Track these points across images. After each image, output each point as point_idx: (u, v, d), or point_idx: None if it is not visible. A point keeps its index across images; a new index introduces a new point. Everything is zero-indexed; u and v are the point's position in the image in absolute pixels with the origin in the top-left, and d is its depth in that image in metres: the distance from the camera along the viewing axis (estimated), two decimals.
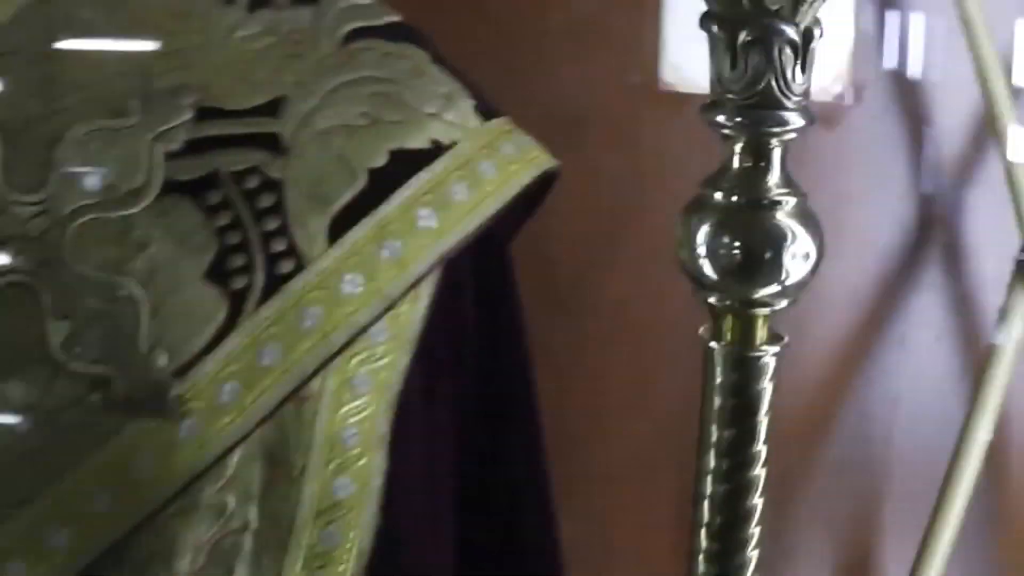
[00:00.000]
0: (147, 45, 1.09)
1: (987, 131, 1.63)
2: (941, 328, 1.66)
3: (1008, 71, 1.60)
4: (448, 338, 1.12)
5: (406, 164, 1.07)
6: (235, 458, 1.01)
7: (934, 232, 1.65)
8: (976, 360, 1.64)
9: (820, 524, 1.69)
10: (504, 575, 1.28)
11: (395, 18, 1.14)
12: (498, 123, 1.14)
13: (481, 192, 1.10)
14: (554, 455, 1.30)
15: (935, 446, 1.58)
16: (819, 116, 1.46)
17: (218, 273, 1.01)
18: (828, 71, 1.54)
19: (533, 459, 1.26)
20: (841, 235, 1.56)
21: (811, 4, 0.73)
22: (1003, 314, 1.59)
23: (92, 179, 1.03)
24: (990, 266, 1.67)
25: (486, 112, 1.14)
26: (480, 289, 1.15)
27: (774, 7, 0.73)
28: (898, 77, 1.60)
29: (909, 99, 1.61)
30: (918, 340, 1.67)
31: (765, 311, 0.79)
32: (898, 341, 1.65)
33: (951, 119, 1.64)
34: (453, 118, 1.11)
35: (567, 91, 1.53)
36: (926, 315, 1.66)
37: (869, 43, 1.58)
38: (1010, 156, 1.59)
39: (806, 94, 0.76)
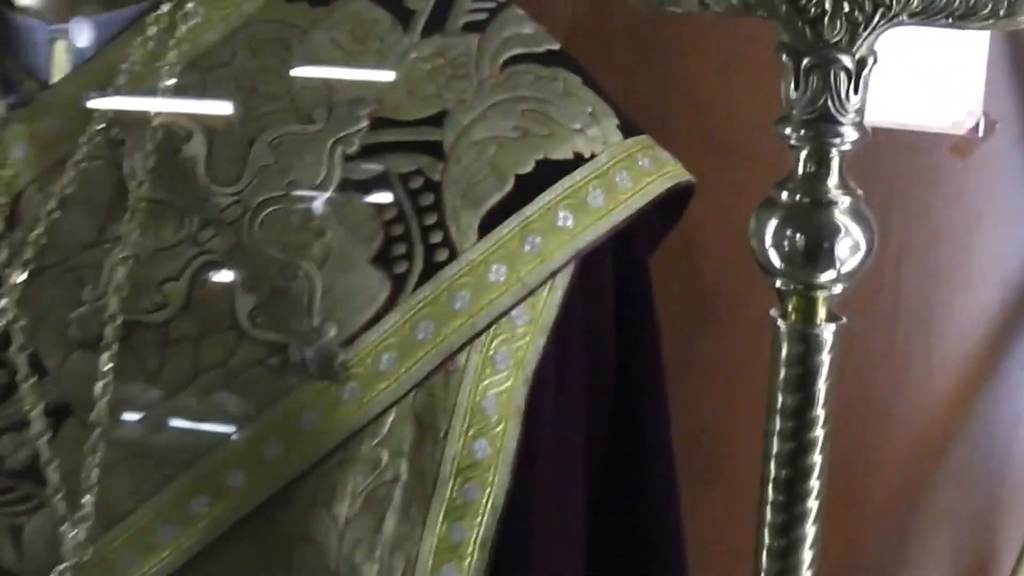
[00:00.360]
0: (333, 64, 1.16)
1: None
2: None
3: None
4: (583, 328, 1.18)
5: (549, 172, 1.14)
6: (390, 419, 1.09)
7: None
8: None
9: (943, 531, 1.71)
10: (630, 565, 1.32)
11: (554, 46, 1.20)
12: (638, 140, 1.19)
13: (615, 199, 1.16)
14: (686, 457, 1.34)
15: None
16: (953, 147, 1.52)
17: (383, 259, 1.09)
18: (962, 107, 1.56)
19: (661, 454, 1.31)
20: (970, 258, 1.65)
21: (865, 38, 0.83)
22: None
23: (280, 176, 1.11)
24: None
25: (628, 130, 1.19)
26: (619, 291, 1.21)
27: (833, 40, 0.83)
28: None
29: None
30: None
31: (824, 293, 0.88)
32: (1020, 362, 1.67)
33: None
34: (595, 134, 1.17)
35: (720, 117, 1.57)
36: None
37: (1002, 81, 1.59)
38: None
39: (860, 112, 0.85)
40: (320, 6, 1.17)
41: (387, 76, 1.16)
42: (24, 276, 1.10)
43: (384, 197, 1.11)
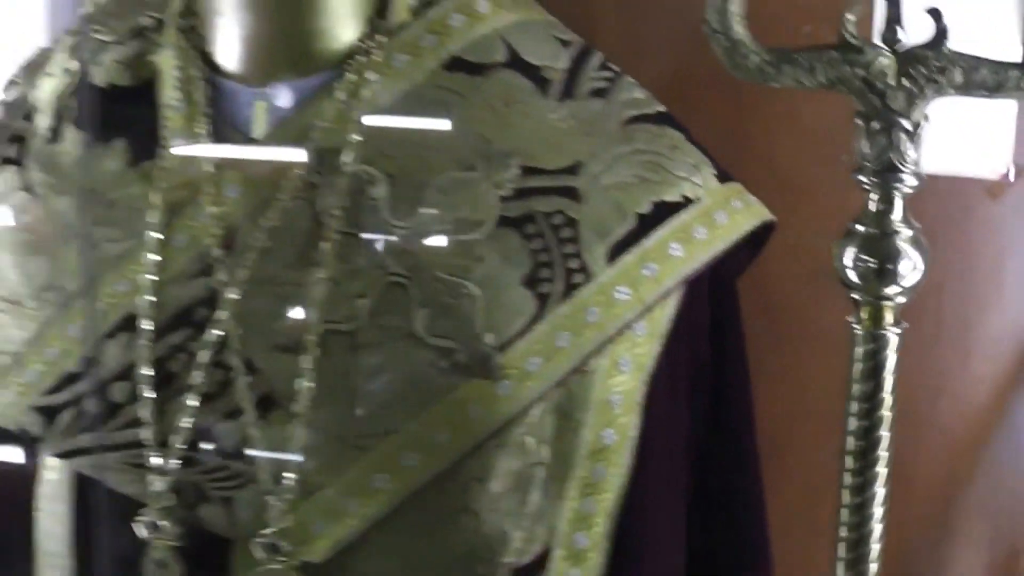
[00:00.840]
0: (487, 123, 1.25)
1: None
2: None
3: None
4: (688, 339, 1.27)
5: (663, 211, 1.24)
6: (536, 411, 1.19)
7: None
8: None
9: (979, 521, 1.76)
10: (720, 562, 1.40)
11: (662, 108, 1.29)
12: (731, 185, 1.29)
13: (715, 234, 1.26)
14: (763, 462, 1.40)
15: None
16: (987, 190, 1.59)
17: (531, 281, 1.19)
18: (995, 156, 1.62)
19: (747, 449, 1.40)
20: (1001, 284, 1.69)
21: (920, 106, 1.00)
22: None
23: (447, 212, 1.20)
24: None
25: (722, 177, 1.29)
26: (714, 308, 1.30)
27: (895, 107, 0.99)
28: None
29: None
30: None
31: (890, 303, 1.04)
32: None
33: None
34: (698, 181, 1.26)
35: (789, 164, 1.61)
36: None
37: None
38: None
39: (917, 163, 1.01)
40: (476, 76, 1.26)
41: (532, 133, 1.26)
42: (238, 293, 1.20)
43: (532, 231, 1.21)
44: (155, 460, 1.21)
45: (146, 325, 1.22)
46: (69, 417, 1.26)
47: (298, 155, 1.24)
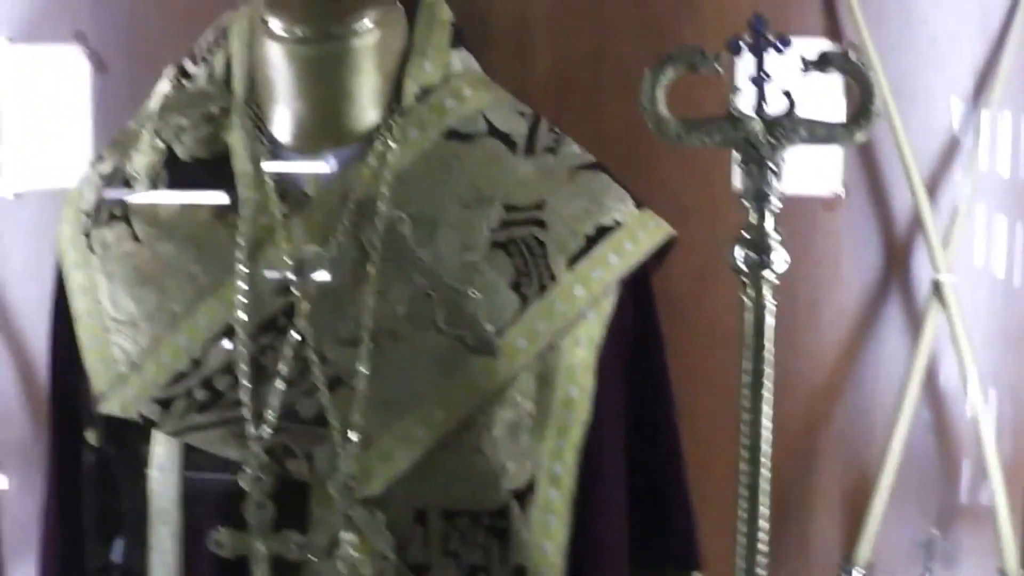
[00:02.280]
0: (478, 174, 1.49)
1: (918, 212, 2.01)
2: (899, 343, 2.06)
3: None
4: (621, 323, 1.53)
5: (602, 232, 1.50)
6: (523, 377, 1.44)
7: (894, 273, 2.01)
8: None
9: (837, 448, 2.03)
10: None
11: (593, 159, 1.55)
12: (645, 211, 1.55)
13: (638, 247, 1.53)
14: None
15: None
16: (824, 204, 1.91)
17: (515, 285, 1.45)
18: (828, 176, 1.92)
19: (668, 409, 1.63)
20: (839, 273, 2.00)
21: (780, 153, 1.33)
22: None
23: (454, 239, 1.45)
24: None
25: (639, 205, 1.55)
26: (636, 301, 1.56)
27: (764, 155, 1.32)
28: (872, 180, 1.98)
29: (878, 193, 1.98)
30: (888, 346, 2.06)
31: (767, 283, 1.35)
32: (878, 337, 2.01)
33: (903, 199, 2.02)
34: (624, 209, 1.52)
35: (678, 191, 1.91)
36: (893, 332, 2.03)
37: (853, 162, 1.96)
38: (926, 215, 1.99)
39: (779, 190, 1.32)
40: (466, 142, 1.51)
41: (509, 181, 1.51)
42: (310, 306, 1.45)
43: (514, 251, 1.47)
44: (252, 431, 1.44)
45: (241, 332, 1.46)
46: (182, 405, 1.47)
47: (347, 204, 1.48)
